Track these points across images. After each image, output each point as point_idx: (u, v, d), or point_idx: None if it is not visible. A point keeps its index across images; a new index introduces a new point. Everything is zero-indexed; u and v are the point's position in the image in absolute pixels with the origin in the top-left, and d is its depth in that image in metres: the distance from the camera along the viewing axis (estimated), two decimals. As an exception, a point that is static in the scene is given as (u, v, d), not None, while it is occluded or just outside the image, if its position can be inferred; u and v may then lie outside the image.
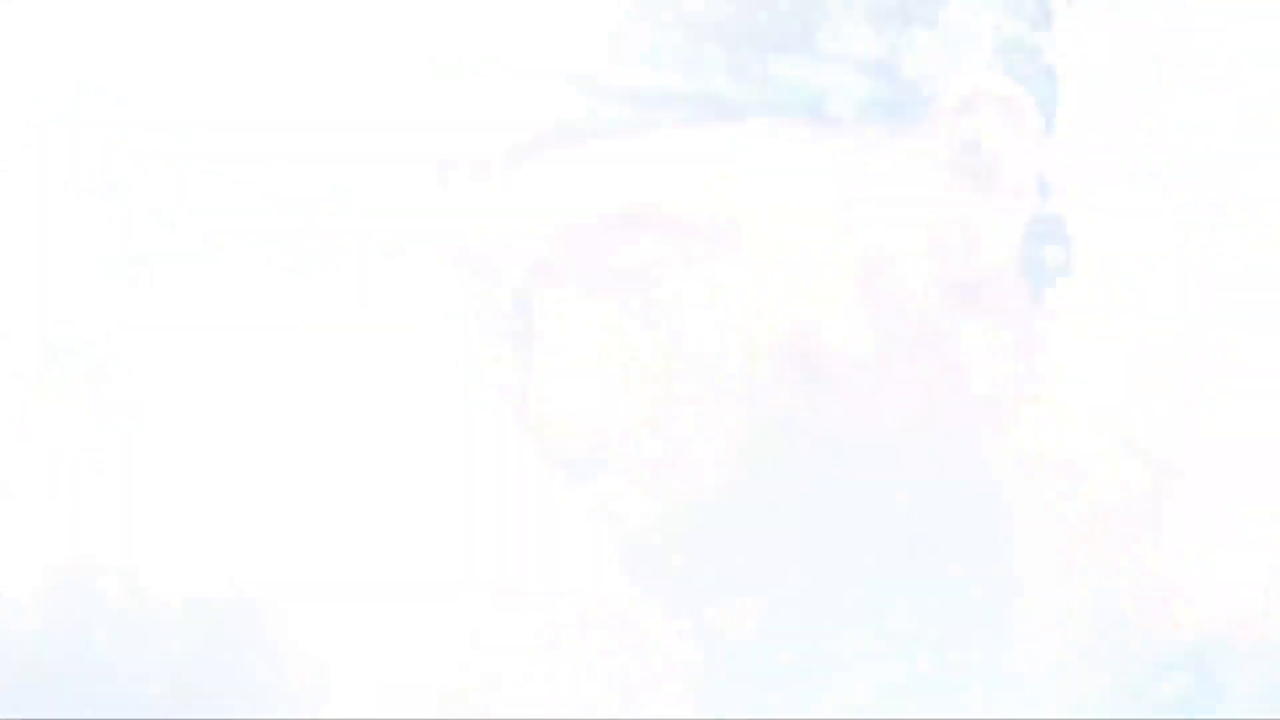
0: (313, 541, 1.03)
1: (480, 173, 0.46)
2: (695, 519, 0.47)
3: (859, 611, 0.49)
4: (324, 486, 1.03)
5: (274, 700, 0.96)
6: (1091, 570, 0.55)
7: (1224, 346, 1.20)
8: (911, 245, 0.47)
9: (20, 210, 0.97)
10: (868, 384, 0.47)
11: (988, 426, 0.51)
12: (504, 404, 0.55)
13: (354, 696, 1.00)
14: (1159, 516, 0.57)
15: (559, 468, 0.49)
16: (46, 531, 0.98)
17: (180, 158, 0.96)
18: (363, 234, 0.93)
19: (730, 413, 0.46)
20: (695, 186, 0.45)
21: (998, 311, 0.51)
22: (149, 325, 0.97)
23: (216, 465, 1.00)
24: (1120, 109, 1.09)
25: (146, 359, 0.98)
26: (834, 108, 0.45)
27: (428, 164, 0.48)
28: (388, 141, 0.49)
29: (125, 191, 0.96)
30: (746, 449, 0.47)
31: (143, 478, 1.02)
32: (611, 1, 0.45)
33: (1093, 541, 0.54)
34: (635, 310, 0.46)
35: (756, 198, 0.45)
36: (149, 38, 0.98)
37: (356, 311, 1.04)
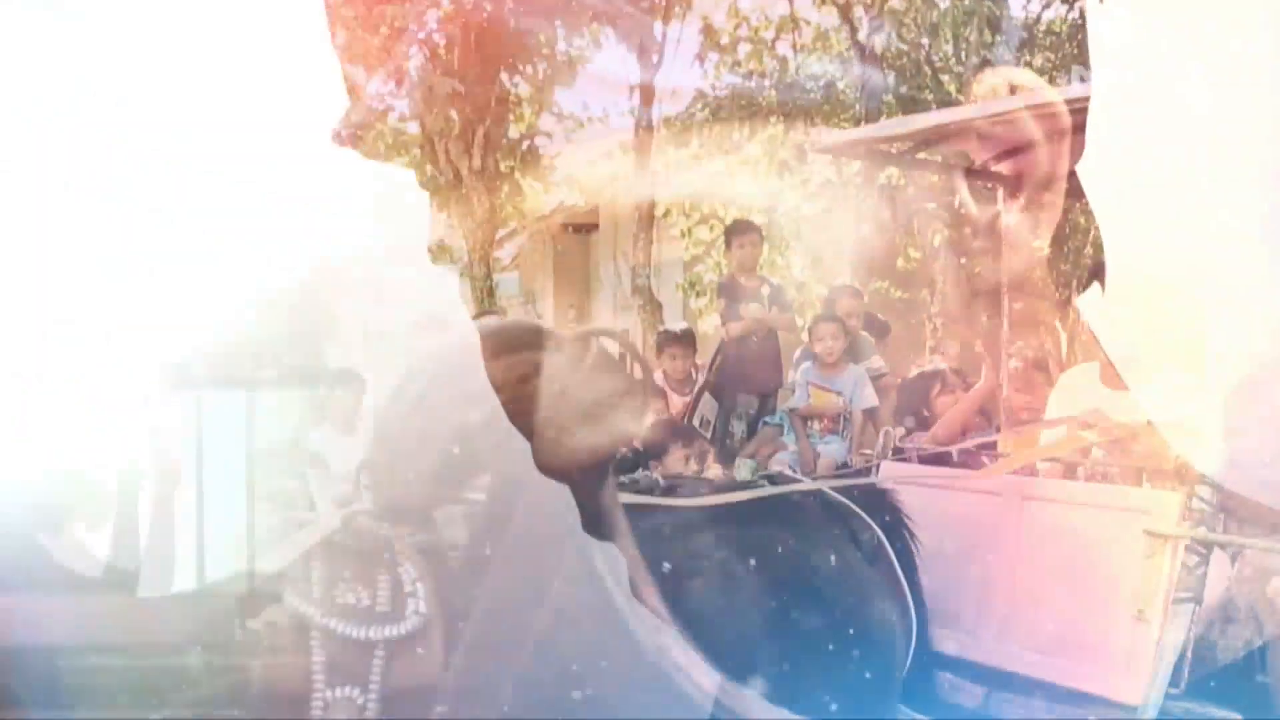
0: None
1: None
2: None
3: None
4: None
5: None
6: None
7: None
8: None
9: (20, 210, 0.96)
10: None
11: None
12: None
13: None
14: None
15: None
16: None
17: (180, 158, 0.94)
18: (362, 235, 0.92)
19: None
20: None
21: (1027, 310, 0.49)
22: (148, 325, 0.96)
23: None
24: (1144, 113, 1.07)
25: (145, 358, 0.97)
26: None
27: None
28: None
29: (125, 191, 0.95)
30: None
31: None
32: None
33: None
34: None
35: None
36: (148, 38, 0.97)
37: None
